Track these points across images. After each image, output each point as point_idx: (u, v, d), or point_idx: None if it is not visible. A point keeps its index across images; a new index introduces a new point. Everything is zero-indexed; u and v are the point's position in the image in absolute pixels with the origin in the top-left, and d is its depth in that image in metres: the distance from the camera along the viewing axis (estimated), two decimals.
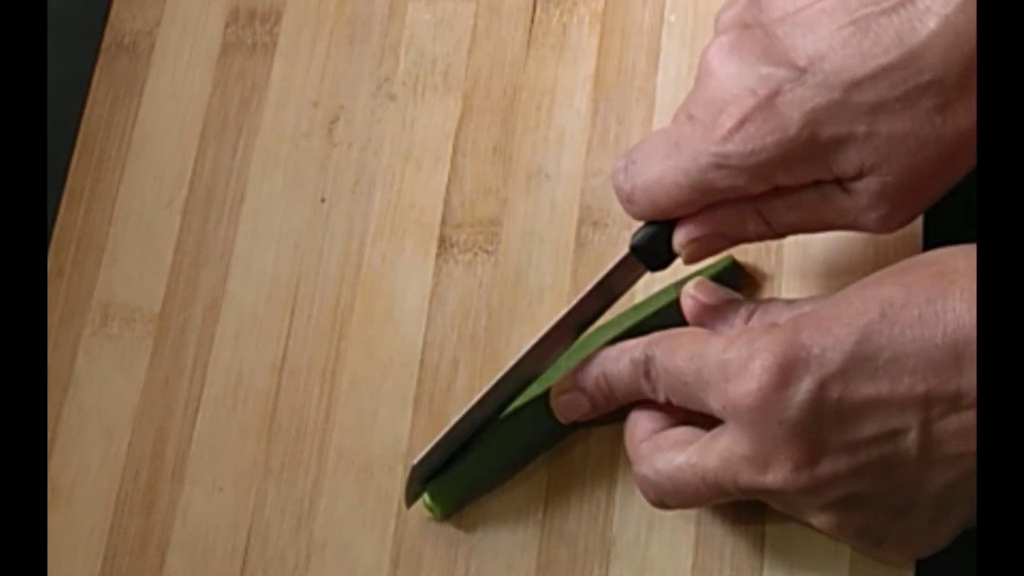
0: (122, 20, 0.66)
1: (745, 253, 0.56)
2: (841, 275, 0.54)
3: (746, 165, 0.47)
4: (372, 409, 0.57)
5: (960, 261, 0.45)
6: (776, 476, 0.45)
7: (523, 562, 0.54)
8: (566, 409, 0.53)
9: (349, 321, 0.59)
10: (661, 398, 0.50)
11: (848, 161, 0.46)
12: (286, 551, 0.55)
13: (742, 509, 0.52)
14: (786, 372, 0.44)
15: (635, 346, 0.50)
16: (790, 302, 0.51)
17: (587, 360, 0.52)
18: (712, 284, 0.52)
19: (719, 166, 0.47)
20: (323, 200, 0.61)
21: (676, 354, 0.48)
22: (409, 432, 0.56)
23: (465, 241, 0.59)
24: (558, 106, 0.61)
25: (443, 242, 0.59)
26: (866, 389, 0.44)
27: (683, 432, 0.50)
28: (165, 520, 0.57)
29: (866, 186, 0.47)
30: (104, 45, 0.66)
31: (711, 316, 0.51)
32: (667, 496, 0.49)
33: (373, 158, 0.61)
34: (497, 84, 0.62)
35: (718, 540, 0.52)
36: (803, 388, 0.44)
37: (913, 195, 0.47)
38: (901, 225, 0.48)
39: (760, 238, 0.50)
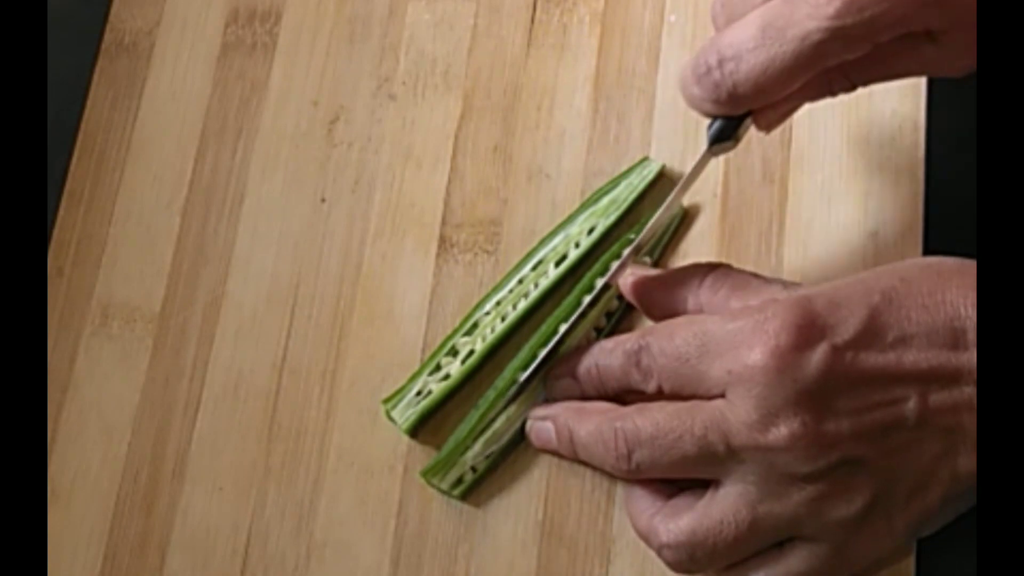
0: (122, 20, 0.66)
1: (745, 257, 0.56)
2: (841, 275, 0.54)
3: (861, 33, 0.48)
4: (372, 409, 0.57)
5: (954, 264, 0.48)
6: (780, 434, 0.46)
7: (523, 562, 0.54)
8: (560, 393, 0.54)
9: (349, 321, 0.59)
10: (652, 387, 0.50)
11: (944, 14, 0.48)
12: (286, 551, 0.56)
13: None
14: (804, 334, 0.46)
15: (628, 338, 0.52)
16: (751, 274, 0.52)
17: (582, 349, 0.54)
18: (647, 267, 0.55)
19: (835, 38, 0.48)
20: (323, 200, 0.61)
21: (675, 336, 0.49)
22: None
23: (465, 241, 0.59)
24: (558, 106, 0.61)
25: (443, 242, 0.59)
26: (875, 360, 0.46)
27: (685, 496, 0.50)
28: (165, 520, 0.57)
29: (955, 39, 0.49)
30: (104, 45, 0.66)
31: (660, 286, 0.53)
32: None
33: (373, 158, 0.61)
34: (497, 84, 0.61)
35: None
36: (820, 350, 0.46)
37: None
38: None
39: (836, 94, 0.52)
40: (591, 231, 0.57)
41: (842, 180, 0.57)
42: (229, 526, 0.56)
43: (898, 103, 0.57)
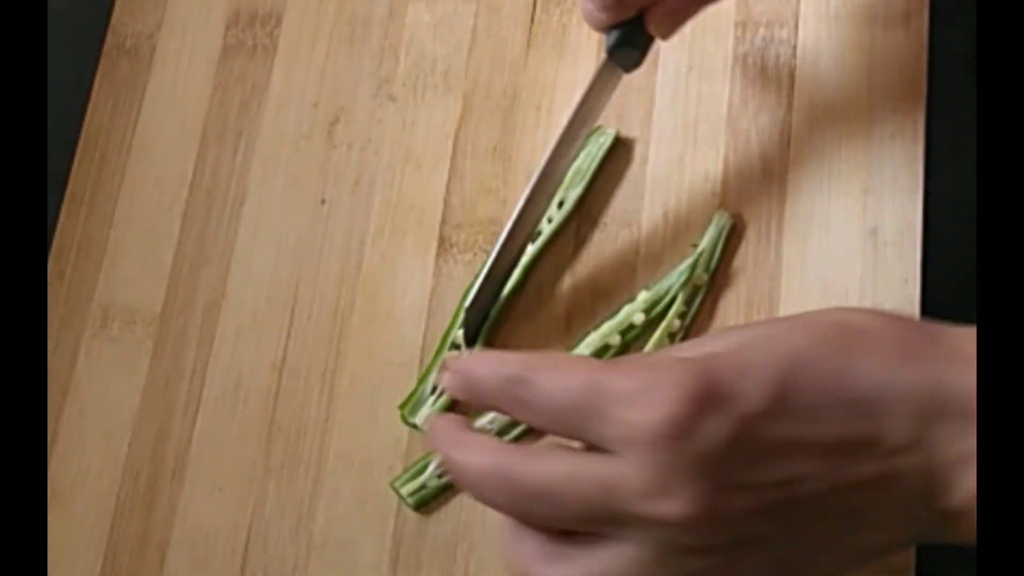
0: (123, 24, 0.66)
1: (744, 254, 0.56)
2: (840, 272, 0.54)
3: None
4: (372, 409, 0.57)
5: (863, 324, 0.44)
6: (672, 508, 0.42)
7: None
8: (447, 383, 0.47)
9: (349, 321, 0.59)
10: (534, 424, 0.45)
11: None
12: (286, 551, 0.56)
13: None
14: (704, 403, 0.42)
15: (506, 358, 0.45)
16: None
17: (461, 357, 0.49)
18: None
19: None
20: (323, 201, 0.61)
21: (564, 382, 0.44)
22: (408, 432, 0.56)
23: (465, 241, 0.59)
24: (558, 106, 0.61)
25: (443, 242, 0.59)
26: (781, 431, 0.42)
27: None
28: (165, 520, 0.57)
29: None
30: (105, 49, 0.66)
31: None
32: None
33: (373, 159, 0.61)
34: (497, 84, 0.62)
35: None
36: (721, 421, 0.42)
37: None
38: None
39: None
40: (561, 204, 0.58)
41: (841, 177, 0.56)
42: (229, 526, 0.56)
43: (898, 100, 0.57)
